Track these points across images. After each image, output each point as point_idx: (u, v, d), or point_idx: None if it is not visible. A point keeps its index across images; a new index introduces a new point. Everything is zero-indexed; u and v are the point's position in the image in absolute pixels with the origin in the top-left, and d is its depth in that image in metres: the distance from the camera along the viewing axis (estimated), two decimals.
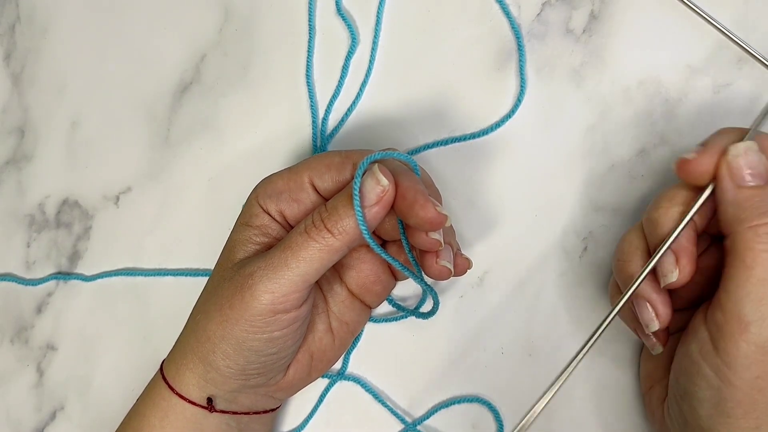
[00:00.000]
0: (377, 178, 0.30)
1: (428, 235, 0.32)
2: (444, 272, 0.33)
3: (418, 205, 0.30)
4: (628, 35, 0.39)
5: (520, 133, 0.40)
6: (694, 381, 0.30)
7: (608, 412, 0.39)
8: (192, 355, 0.34)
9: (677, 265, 0.31)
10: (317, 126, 0.42)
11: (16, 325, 0.45)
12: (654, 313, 0.33)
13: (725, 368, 0.29)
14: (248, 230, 0.34)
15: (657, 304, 0.33)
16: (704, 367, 0.30)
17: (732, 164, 0.30)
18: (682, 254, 0.31)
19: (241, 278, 0.32)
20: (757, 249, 0.28)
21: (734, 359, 0.29)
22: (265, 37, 0.43)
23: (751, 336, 0.28)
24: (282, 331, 0.32)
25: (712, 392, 0.30)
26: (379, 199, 0.30)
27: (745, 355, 0.28)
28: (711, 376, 0.30)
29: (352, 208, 0.30)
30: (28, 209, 0.45)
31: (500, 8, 0.40)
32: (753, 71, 0.38)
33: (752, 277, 0.28)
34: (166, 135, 0.44)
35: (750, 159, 0.30)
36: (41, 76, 0.46)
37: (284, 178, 0.34)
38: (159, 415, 0.34)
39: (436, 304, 0.38)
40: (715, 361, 0.29)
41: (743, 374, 0.28)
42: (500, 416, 0.39)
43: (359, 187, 0.30)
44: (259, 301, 0.31)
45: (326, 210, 0.31)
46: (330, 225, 0.31)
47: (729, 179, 0.30)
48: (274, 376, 0.35)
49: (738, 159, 0.30)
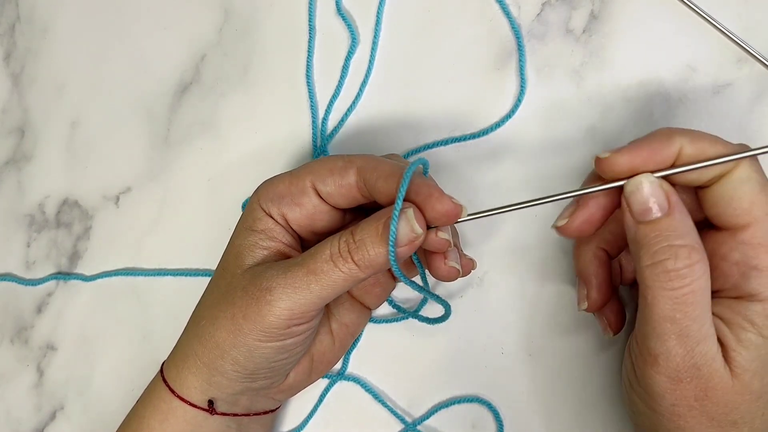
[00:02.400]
0: (412, 225, 0.30)
1: (437, 235, 0.32)
2: (452, 273, 0.33)
3: (434, 198, 0.31)
4: (628, 35, 0.39)
5: (520, 133, 0.40)
6: (630, 407, 0.32)
7: (608, 412, 0.39)
8: (195, 359, 0.34)
9: (571, 216, 0.32)
10: (317, 126, 0.42)
11: (16, 325, 0.45)
12: (585, 294, 0.34)
13: (647, 396, 0.30)
14: (253, 235, 0.34)
15: (591, 287, 0.34)
16: (633, 395, 0.31)
17: (629, 200, 0.30)
18: (580, 208, 0.31)
19: (258, 291, 0.32)
20: (654, 287, 0.28)
21: (650, 388, 0.29)
22: (265, 37, 0.43)
23: (660, 368, 0.29)
24: (294, 339, 0.33)
25: (643, 418, 0.31)
26: (411, 242, 0.31)
27: (657, 384, 0.29)
28: (639, 402, 0.31)
29: (382, 245, 0.30)
30: (28, 209, 0.45)
31: (500, 8, 0.40)
32: (753, 71, 0.38)
33: (654, 314, 0.28)
34: (165, 135, 0.44)
35: (645, 193, 0.29)
36: (41, 76, 0.46)
37: (286, 182, 0.34)
38: (159, 417, 0.34)
39: (447, 314, 0.37)
40: (638, 389, 0.30)
41: (661, 402, 0.29)
42: (500, 416, 0.39)
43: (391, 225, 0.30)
44: (277, 317, 0.31)
45: (354, 242, 0.31)
46: (357, 258, 0.31)
47: (629, 215, 0.30)
48: (278, 379, 0.35)
49: (634, 195, 0.29)
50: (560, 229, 0.32)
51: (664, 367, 0.29)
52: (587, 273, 0.34)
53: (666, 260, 0.28)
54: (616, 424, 0.39)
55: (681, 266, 0.28)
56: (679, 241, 0.28)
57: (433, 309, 0.40)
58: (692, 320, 0.28)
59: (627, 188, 0.30)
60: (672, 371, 0.29)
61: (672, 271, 0.28)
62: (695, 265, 0.28)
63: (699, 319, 0.28)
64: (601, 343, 0.39)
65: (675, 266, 0.28)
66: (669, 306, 0.28)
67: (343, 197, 0.33)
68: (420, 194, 0.31)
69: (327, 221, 0.34)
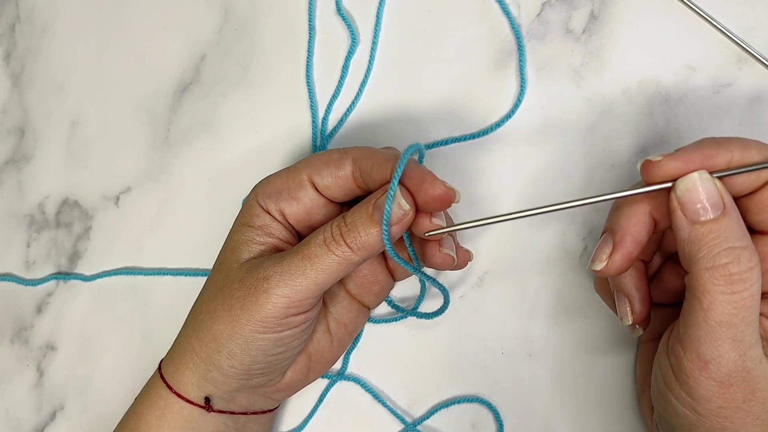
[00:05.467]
0: (399, 202, 0.31)
1: (432, 221, 0.32)
2: (447, 260, 0.33)
3: (427, 183, 0.31)
4: (628, 35, 0.39)
5: (520, 133, 0.40)
6: (665, 407, 0.31)
7: (608, 412, 0.39)
8: (192, 354, 0.34)
9: (609, 257, 0.31)
10: (317, 126, 0.42)
11: (16, 325, 0.45)
12: (629, 309, 0.33)
13: (689, 399, 0.29)
14: (250, 231, 0.34)
15: (634, 301, 0.33)
16: (670, 396, 0.30)
17: (682, 199, 0.29)
18: (618, 247, 0.30)
19: (255, 281, 0.32)
20: (714, 292, 0.27)
21: (695, 392, 0.29)
22: (265, 37, 0.43)
23: (711, 373, 0.28)
24: (291, 330, 0.33)
25: (681, 419, 0.30)
26: (399, 220, 0.31)
27: (705, 388, 0.28)
28: (677, 405, 0.30)
29: (372, 225, 0.31)
30: (28, 209, 0.45)
31: (500, 8, 0.40)
32: (753, 71, 0.38)
33: (709, 318, 0.28)
34: (166, 135, 0.44)
35: (701, 191, 0.28)
36: (41, 76, 0.46)
37: (282, 177, 0.34)
38: (156, 413, 0.34)
39: (446, 303, 0.38)
40: (678, 391, 0.30)
41: (706, 405, 0.29)
42: (500, 416, 0.39)
43: (382, 204, 0.31)
44: (274, 305, 0.31)
45: (345, 225, 0.32)
46: (350, 241, 0.31)
47: (682, 215, 0.29)
48: (275, 377, 0.35)
49: (689, 193, 0.28)
50: (598, 272, 0.31)
51: (714, 372, 0.28)
52: (627, 287, 0.33)
53: (729, 264, 0.27)
54: (616, 424, 0.39)
55: (744, 269, 0.27)
56: (739, 242, 0.28)
57: (431, 306, 0.40)
58: (747, 325, 0.27)
59: (681, 186, 0.28)
60: (723, 376, 0.28)
61: (735, 274, 0.27)
62: (755, 268, 0.27)
63: (753, 323, 0.28)
64: (601, 344, 0.39)
65: (739, 269, 0.27)
66: (729, 310, 0.27)
67: (340, 189, 0.34)
68: (413, 179, 0.31)
69: (324, 215, 0.35)
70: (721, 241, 0.28)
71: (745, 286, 0.27)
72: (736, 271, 0.27)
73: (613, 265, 0.30)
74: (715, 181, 0.28)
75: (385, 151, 0.34)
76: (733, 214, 0.28)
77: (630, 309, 0.33)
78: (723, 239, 0.28)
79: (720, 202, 0.28)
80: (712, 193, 0.28)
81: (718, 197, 0.28)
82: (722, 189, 0.28)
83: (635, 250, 0.30)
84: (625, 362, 0.38)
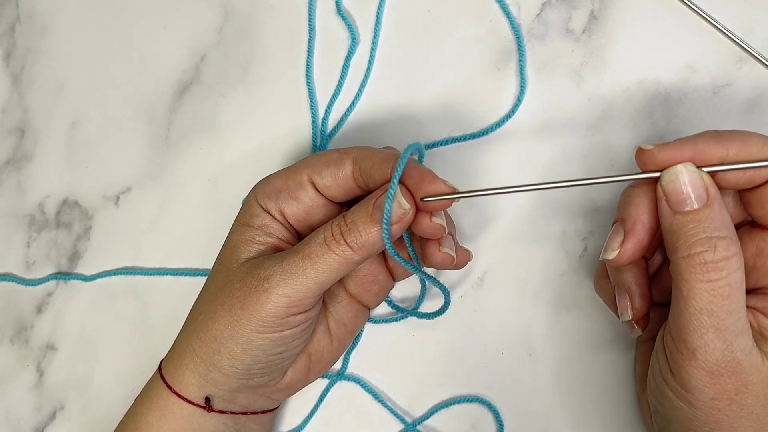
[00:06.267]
0: (399, 201, 0.31)
1: (432, 220, 0.32)
2: (447, 259, 0.33)
3: (427, 181, 0.31)
4: (628, 35, 0.39)
5: (520, 133, 0.40)
6: (661, 401, 0.31)
7: (608, 412, 0.39)
8: (193, 355, 0.34)
9: (621, 245, 0.31)
10: (317, 126, 0.42)
11: (16, 325, 0.45)
12: (630, 304, 0.33)
13: (683, 391, 0.29)
14: (250, 230, 0.34)
15: (635, 296, 0.33)
16: (666, 389, 0.30)
17: (666, 189, 0.29)
18: (629, 235, 0.31)
19: (255, 280, 0.32)
20: (691, 280, 0.28)
21: (688, 383, 0.29)
22: (265, 37, 0.43)
23: (699, 363, 0.28)
24: (292, 330, 0.33)
25: (677, 412, 0.30)
26: (400, 219, 0.31)
27: (696, 378, 0.29)
28: (673, 397, 0.30)
29: (373, 224, 0.31)
30: (28, 209, 0.45)
31: (500, 8, 0.40)
32: (753, 71, 0.38)
33: (690, 306, 0.28)
34: (166, 135, 0.44)
35: (685, 182, 0.29)
36: (41, 76, 0.46)
37: (283, 177, 0.34)
38: (156, 414, 0.35)
39: (447, 303, 0.38)
40: (673, 384, 0.30)
41: (700, 396, 0.29)
42: (500, 416, 0.39)
43: (382, 203, 0.31)
44: (274, 304, 0.31)
45: (345, 224, 0.32)
46: (350, 240, 0.31)
47: (665, 204, 0.29)
48: (275, 377, 0.35)
49: (672, 183, 0.29)
50: (611, 261, 0.31)
51: (702, 361, 0.28)
52: (628, 282, 0.33)
53: (704, 252, 0.28)
54: (616, 424, 0.39)
55: (719, 258, 0.28)
56: (718, 233, 0.28)
57: (431, 306, 0.40)
58: (728, 313, 0.28)
59: (665, 176, 0.29)
60: (711, 365, 0.28)
61: (710, 263, 0.28)
62: (733, 257, 0.28)
63: (735, 312, 0.28)
64: (601, 344, 0.39)
65: (713, 258, 0.28)
66: (705, 298, 0.28)
67: (340, 188, 0.34)
68: (413, 177, 0.31)
69: (324, 215, 0.35)
70: (698, 231, 0.28)
71: (720, 275, 0.28)
72: (711, 259, 0.28)
73: (626, 253, 0.31)
74: (700, 173, 0.29)
75: (385, 150, 0.34)
76: (715, 206, 0.29)
77: (630, 304, 0.33)
78: (701, 229, 0.28)
79: (704, 194, 0.29)
80: (697, 185, 0.29)
81: (703, 189, 0.29)
82: (708, 181, 0.29)
83: (646, 238, 0.31)
84: (625, 362, 0.38)
